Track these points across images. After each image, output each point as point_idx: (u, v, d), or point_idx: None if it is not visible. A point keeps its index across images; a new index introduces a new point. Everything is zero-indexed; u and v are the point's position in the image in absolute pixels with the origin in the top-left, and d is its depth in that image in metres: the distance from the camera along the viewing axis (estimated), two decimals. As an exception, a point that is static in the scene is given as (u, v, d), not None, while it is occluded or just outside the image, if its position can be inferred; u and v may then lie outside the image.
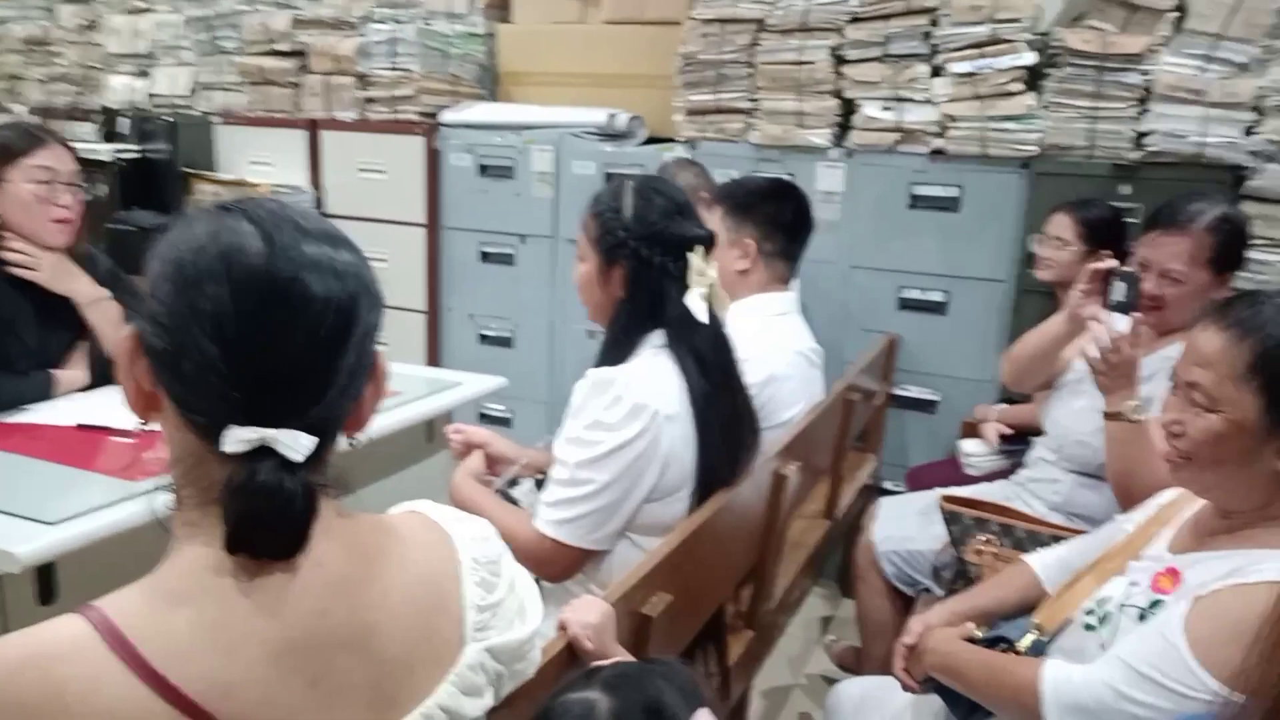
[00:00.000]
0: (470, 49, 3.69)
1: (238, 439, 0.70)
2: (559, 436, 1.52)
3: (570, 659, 1.07)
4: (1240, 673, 1.02)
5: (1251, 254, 2.38)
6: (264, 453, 0.70)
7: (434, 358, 3.72)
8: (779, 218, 2.10)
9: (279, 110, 3.84)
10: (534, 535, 1.49)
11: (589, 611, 1.11)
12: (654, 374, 1.50)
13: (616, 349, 1.54)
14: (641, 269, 1.51)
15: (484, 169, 3.50)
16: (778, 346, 2.02)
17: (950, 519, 1.84)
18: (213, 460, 0.71)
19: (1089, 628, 1.24)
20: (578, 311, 3.39)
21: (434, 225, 3.63)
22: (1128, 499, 1.77)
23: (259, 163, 3.85)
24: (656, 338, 1.53)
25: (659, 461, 1.48)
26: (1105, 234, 2.44)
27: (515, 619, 0.89)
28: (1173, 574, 1.18)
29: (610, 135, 3.35)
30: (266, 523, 0.71)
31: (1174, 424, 1.21)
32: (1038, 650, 1.31)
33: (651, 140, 3.36)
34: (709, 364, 1.54)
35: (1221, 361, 1.16)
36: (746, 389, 1.64)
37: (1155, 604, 1.17)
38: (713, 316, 1.56)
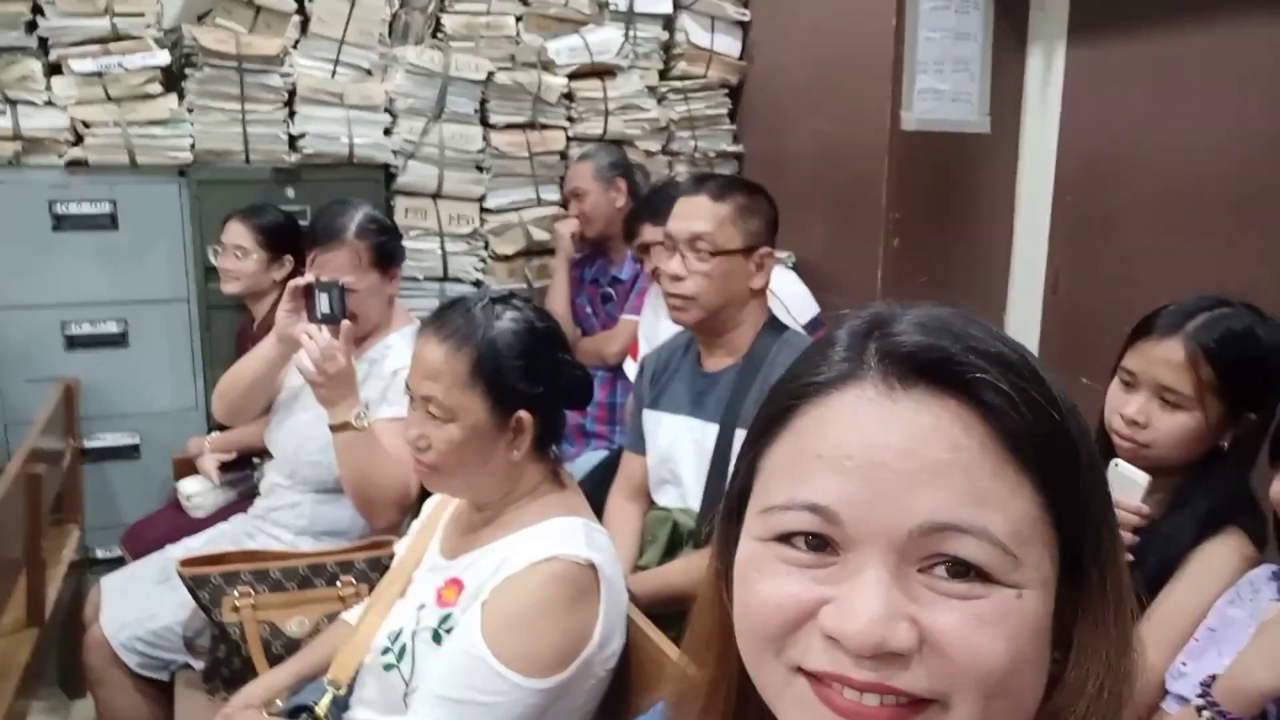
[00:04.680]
0: None
1: None
2: None
3: None
4: (535, 658, 1.08)
5: (409, 243, 2.59)
6: None
7: None
8: None
9: None
10: None
11: None
12: None
13: None
14: None
15: None
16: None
17: (196, 585, 1.62)
18: None
19: (388, 667, 1.19)
20: None
21: None
22: (368, 506, 1.78)
23: None
24: None
25: None
26: (283, 239, 2.40)
27: None
28: (454, 583, 1.20)
29: None
30: None
31: (420, 439, 1.22)
32: (341, 708, 1.22)
33: None
34: None
35: (447, 372, 1.21)
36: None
37: (446, 619, 1.17)
38: None
